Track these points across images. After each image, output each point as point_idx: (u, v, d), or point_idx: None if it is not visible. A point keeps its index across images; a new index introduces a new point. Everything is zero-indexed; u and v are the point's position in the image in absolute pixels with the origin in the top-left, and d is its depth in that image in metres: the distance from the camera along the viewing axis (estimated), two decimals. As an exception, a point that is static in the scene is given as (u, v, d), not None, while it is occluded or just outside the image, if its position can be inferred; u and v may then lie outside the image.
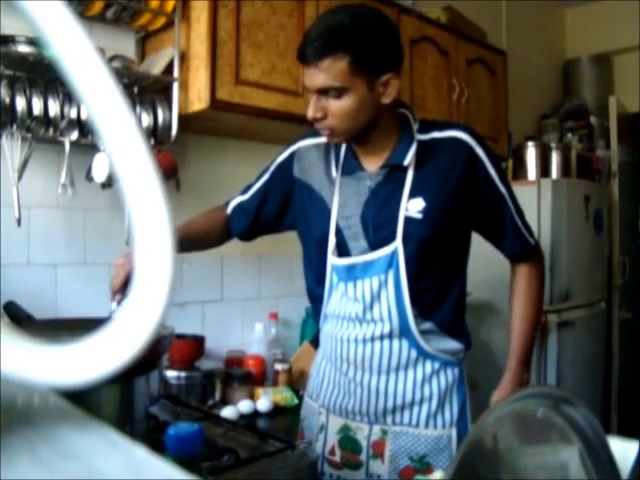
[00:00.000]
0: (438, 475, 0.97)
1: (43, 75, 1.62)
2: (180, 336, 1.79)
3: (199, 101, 1.82)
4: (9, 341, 0.35)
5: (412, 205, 1.26)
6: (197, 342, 1.94)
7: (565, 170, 3.23)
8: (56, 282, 1.82)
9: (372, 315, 1.28)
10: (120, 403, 0.92)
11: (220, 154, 2.24)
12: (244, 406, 1.80)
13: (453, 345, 1.33)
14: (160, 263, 0.35)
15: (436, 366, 1.31)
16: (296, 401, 1.90)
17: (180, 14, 1.83)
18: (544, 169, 3.14)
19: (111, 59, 1.77)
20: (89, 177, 1.76)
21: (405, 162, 1.26)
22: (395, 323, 1.27)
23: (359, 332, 1.30)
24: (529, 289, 1.40)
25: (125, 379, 0.90)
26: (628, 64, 4.03)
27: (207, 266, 2.16)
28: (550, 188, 2.69)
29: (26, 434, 0.41)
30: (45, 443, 0.40)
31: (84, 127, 1.69)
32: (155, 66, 1.85)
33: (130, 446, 0.40)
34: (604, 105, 3.68)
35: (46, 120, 1.63)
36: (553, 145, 3.29)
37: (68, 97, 1.66)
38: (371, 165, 1.30)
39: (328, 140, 1.29)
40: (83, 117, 1.68)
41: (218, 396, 1.86)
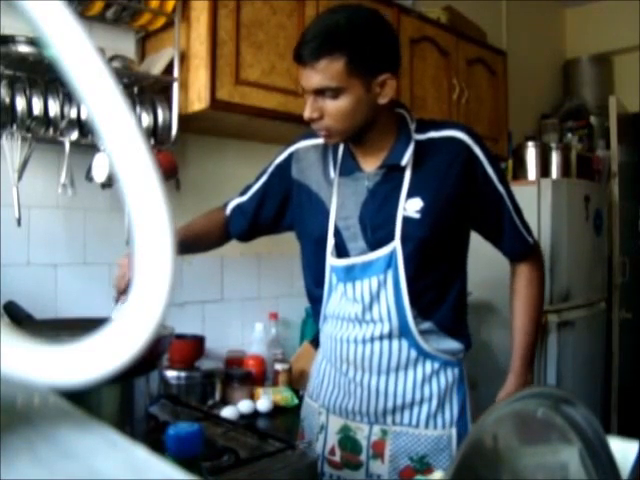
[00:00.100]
0: (438, 475, 0.97)
1: (43, 75, 1.62)
2: (180, 336, 1.79)
3: (199, 101, 1.82)
4: (9, 341, 0.35)
5: (410, 205, 1.26)
6: (197, 342, 1.94)
7: (565, 170, 3.23)
8: (56, 282, 1.82)
9: (371, 315, 1.28)
10: (120, 403, 0.92)
11: (220, 154, 2.24)
12: (244, 406, 1.80)
13: (453, 345, 1.32)
14: (160, 263, 0.35)
15: (436, 366, 1.31)
16: (296, 401, 1.90)
17: (180, 14, 1.83)
18: (544, 169, 3.14)
19: (111, 59, 1.77)
20: (89, 177, 1.76)
21: (402, 162, 1.26)
22: (394, 323, 1.27)
23: (359, 332, 1.30)
24: (529, 289, 1.40)
25: (125, 379, 0.90)
26: (628, 64, 4.04)
27: (207, 266, 2.16)
28: (550, 188, 2.69)
29: (26, 434, 0.41)
30: (45, 443, 0.40)
31: (84, 127, 1.69)
32: (155, 66, 1.85)
33: (130, 446, 0.40)
34: (604, 105, 3.68)
35: (46, 120, 1.63)
36: (553, 145, 3.29)
37: (68, 97, 1.66)
38: (369, 165, 1.30)
39: (325, 141, 1.29)
40: (83, 117, 1.68)
41: (218, 396, 1.86)
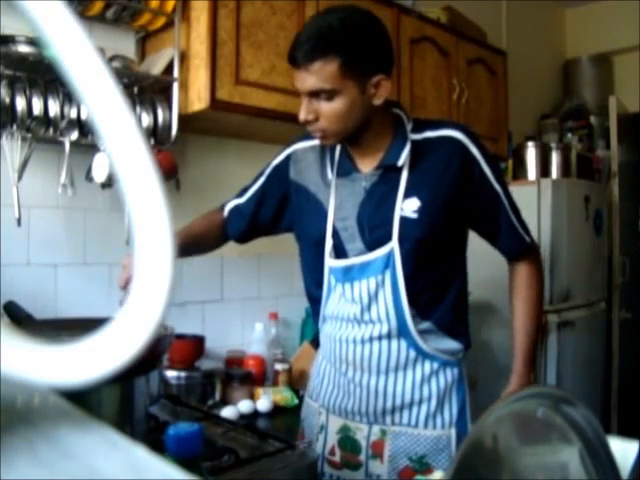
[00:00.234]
0: (438, 475, 0.97)
1: (43, 75, 1.62)
2: (180, 336, 1.79)
3: (199, 101, 1.82)
4: (9, 341, 0.35)
5: (407, 205, 1.26)
6: (197, 342, 1.94)
7: (565, 170, 3.23)
8: (56, 282, 1.82)
9: (370, 316, 1.28)
10: (120, 403, 0.92)
11: (220, 154, 2.24)
12: (244, 406, 1.80)
13: (452, 345, 1.32)
14: (160, 263, 0.35)
15: (435, 366, 1.31)
16: (296, 401, 1.90)
17: (180, 14, 1.83)
18: (544, 169, 3.14)
19: (111, 59, 1.77)
20: (89, 177, 1.76)
21: (399, 163, 1.26)
22: (393, 323, 1.27)
23: (357, 333, 1.30)
24: (529, 289, 1.40)
25: (125, 379, 0.90)
26: (628, 64, 4.03)
27: (207, 266, 2.16)
28: (550, 188, 2.69)
29: (26, 434, 0.41)
30: (45, 443, 0.40)
31: (84, 127, 1.69)
32: (155, 66, 1.85)
33: (130, 446, 0.40)
34: (604, 105, 3.68)
35: (46, 120, 1.63)
36: (553, 145, 3.29)
37: (68, 97, 1.66)
38: (366, 166, 1.31)
39: (321, 142, 1.29)
40: (83, 117, 1.68)
41: (218, 396, 1.86)
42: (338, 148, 1.34)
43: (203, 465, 0.78)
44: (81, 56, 0.35)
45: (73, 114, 1.67)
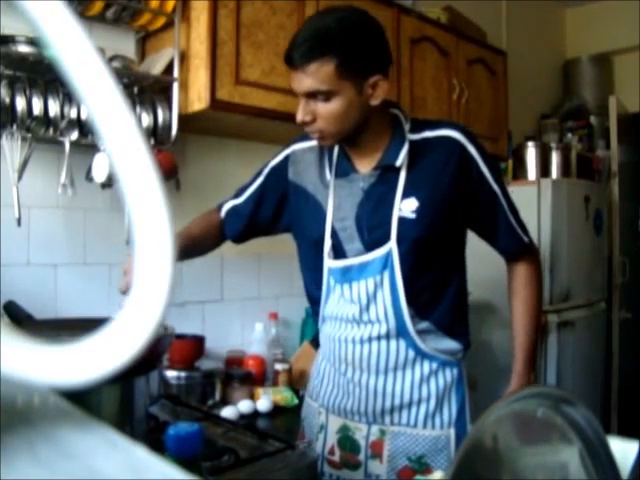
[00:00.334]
0: (438, 475, 0.97)
1: (43, 75, 1.62)
2: (180, 336, 1.79)
3: (199, 101, 1.82)
4: (9, 341, 0.35)
5: (405, 205, 1.26)
6: (197, 342, 1.94)
7: (565, 170, 3.23)
8: (56, 282, 1.82)
9: (369, 316, 1.28)
10: (120, 403, 0.92)
11: (220, 154, 2.24)
12: (244, 406, 1.80)
13: (451, 345, 1.32)
14: (160, 263, 0.35)
15: (434, 366, 1.31)
16: (296, 401, 1.90)
17: (180, 14, 1.83)
18: (544, 169, 3.14)
19: (111, 59, 1.77)
20: (89, 177, 1.76)
21: (397, 163, 1.26)
22: (392, 324, 1.27)
23: (356, 333, 1.30)
24: (528, 289, 1.40)
25: (125, 379, 0.90)
26: (628, 64, 4.03)
27: (207, 266, 2.16)
28: (550, 188, 2.69)
29: (26, 434, 0.41)
30: (45, 443, 0.40)
31: (84, 127, 1.69)
32: (155, 66, 1.85)
33: (130, 446, 0.40)
34: (604, 105, 3.68)
35: (46, 120, 1.63)
36: (553, 145, 3.29)
37: (68, 97, 1.66)
38: (364, 167, 1.31)
39: (318, 143, 1.30)
40: (83, 117, 1.68)
41: (218, 396, 1.86)
42: (336, 149, 1.34)
43: (203, 465, 0.78)
44: (81, 56, 0.35)
45: (73, 114, 1.67)
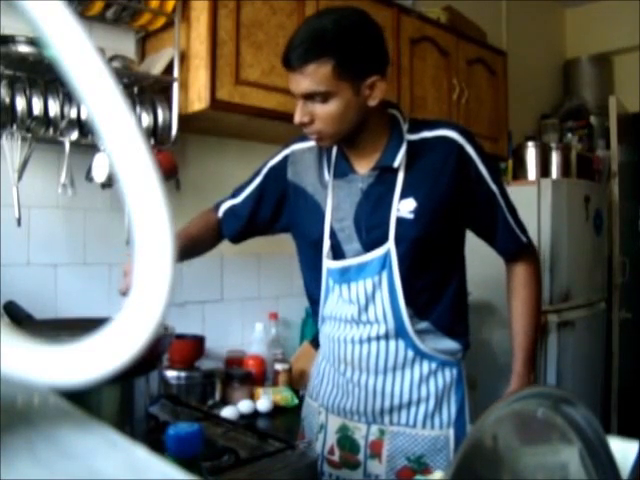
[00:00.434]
0: (438, 475, 0.97)
1: (43, 75, 1.62)
2: (180, 336, 1.79)
3: (199, 101, 1.82)
4: (9, 341, 0.35)
5: (403, 205, 1.26)
6: (197, 342, 1.94)
7: (565, 170, 3.23)
8: (56, 282, 1.82)
9: (367, 316, 1.28)
10: (120, 403, 0.92)
11: (220, 154, 2.24)
12: (244, 406, 1.80)
13: (451, 345, 1.32)
14: (160, 263, 0.35)
15: (433, 366, 1.31)
16: (296, 401, 1.90)
17: (180, 14, 1.83)
18: (544, 169, 3.14)
19: (111, 59, 1.77)
20: (89, 177, 1.76)
21: (395, 164, 1.26)
22: (390, 324, 1.27)
23: (355, 333, 1.30)
24: (527, 289, 1.40)
25: (125, 379, 0.90)
26: (628, 64, 4.03)
27: (207, 266, 2.16)
28: (550, 188, 2.69)
29: (26, 434, 0.41)
30: (45, 443, 0.40)
31: (84, 127, 1.69)
32: (155, 66, 1.85)
33: (130, 446, 0.40)
34: (604, 105, 3.68)
35: (46, 120, 1.63)
36: (553, 145, 3.29)
37: (68, 97, 1.66)
38: (362, 167, 1.31)
39: (317, 144, 1.30)
40: (83, 117, 1.68)
41: (218, 396, 1.86)
42: (335, 149, 1.34)
43: (203, 465, 0.78)
44: (81, 56, 0.35)
45: (73, 114, 1.67)
